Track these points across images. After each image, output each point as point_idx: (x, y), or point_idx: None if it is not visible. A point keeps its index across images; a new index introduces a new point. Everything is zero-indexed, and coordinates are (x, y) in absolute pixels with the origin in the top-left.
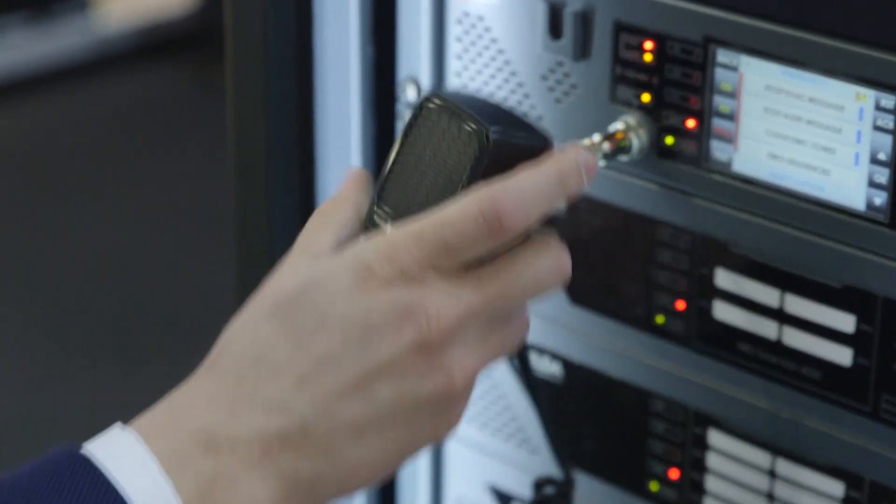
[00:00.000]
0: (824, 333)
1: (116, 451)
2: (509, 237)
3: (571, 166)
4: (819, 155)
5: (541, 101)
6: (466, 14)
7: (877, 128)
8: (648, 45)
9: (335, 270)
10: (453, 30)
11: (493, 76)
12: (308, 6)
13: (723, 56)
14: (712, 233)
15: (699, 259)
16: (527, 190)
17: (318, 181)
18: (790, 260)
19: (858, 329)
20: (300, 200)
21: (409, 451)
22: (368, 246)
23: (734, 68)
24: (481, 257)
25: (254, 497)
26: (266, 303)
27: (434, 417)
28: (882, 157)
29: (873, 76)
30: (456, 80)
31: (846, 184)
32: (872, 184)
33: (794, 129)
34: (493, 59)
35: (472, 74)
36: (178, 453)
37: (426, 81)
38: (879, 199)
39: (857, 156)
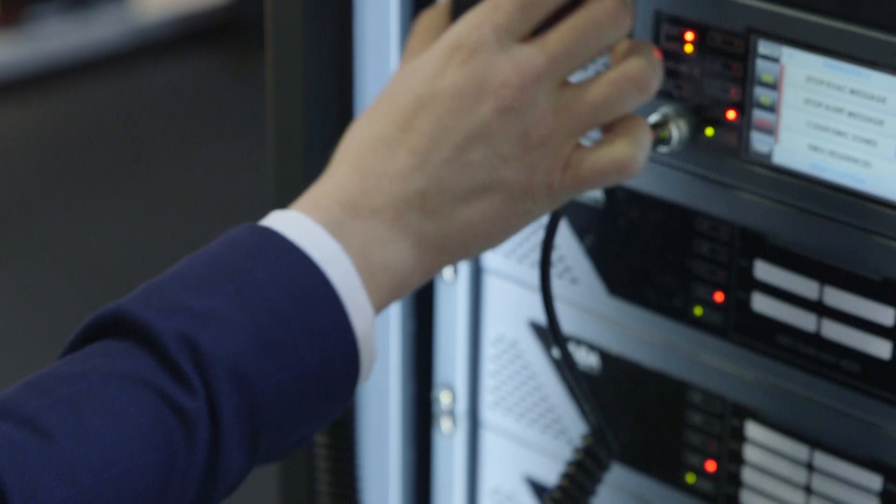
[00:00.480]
0: (863, 326)
1: (289, 224)
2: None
3: None
4: (860, 147)
5: None
6: None
7: None
8: (689, 35)
9: (429, 55)
10: None
11: None
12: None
13: (764, 47)
14: (752, 224)
15: (738, 251)
16: None
17: None
18: (829, 252)
19: None
20: None
21: (514, 212)
22: (457, 25)
23: (776, 59)
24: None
25: (399, 253)
26: (378, 101)
27: (528, 177)
28: None
29: None
30: None
31: (887, 176)
32: None
33: (835, 121)
34: None
35: None
36: (335, 221)
37: None
38: None
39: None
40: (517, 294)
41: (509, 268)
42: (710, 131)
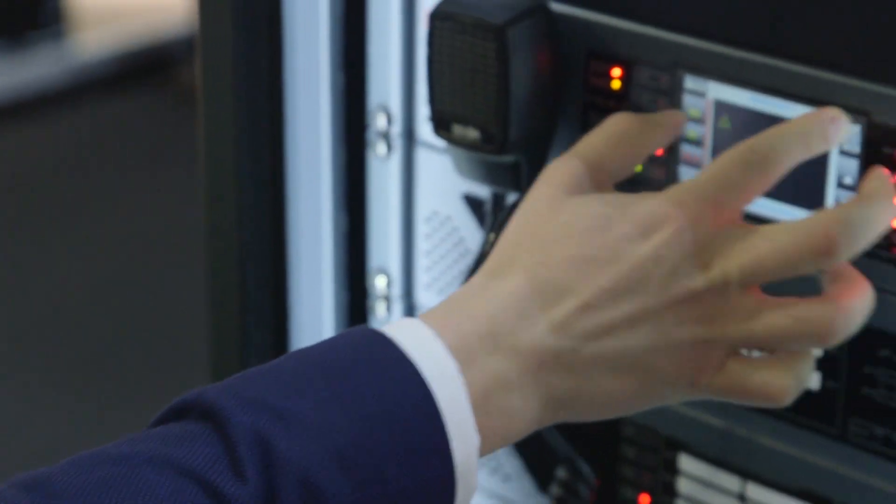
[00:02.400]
0: None
1: (412, 336)
2: (770, 174)
3: (814, 120)
4: (786, 179)
5: None
6: None
7: (842, 152)
8: (617, 71)
9: (631, 213)
10: (424, 56)
11: None
12: (278, 33)
13: (690, 82)
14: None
15: None
16: (779, 132)
17: (289, 208)
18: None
19: (826, 352)
20: (270, 225)
21: (649, 396)
22: (663, 195)
23: (702, 94)
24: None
25: (524, 402)
26: (559, 223)
27: (681, 369)
28: (848, 181)
29: (839, 100)
30: (426, 108)
31: (812, 208)
32: None
33: None
34: None
35: None
36: (466, 349)
37: (396, 109)
38: None
39: (823, 180)
40: (450, 167)
41: (442, 141)
42: (638, 168)
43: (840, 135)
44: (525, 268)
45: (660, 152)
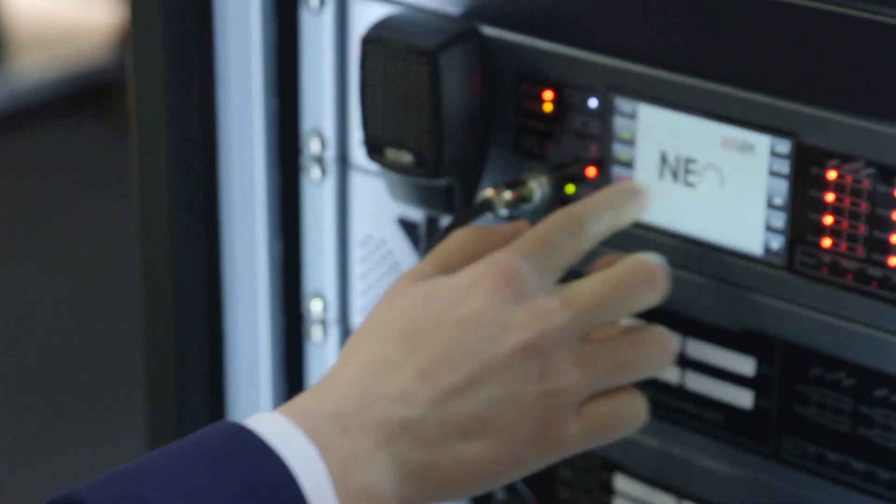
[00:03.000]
0: (725, 377)
1: (268, 425)
2: (583, 237)
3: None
4: (717, 200)
5: None
6: None
7: (773, 173)
8: (548, 94)
9: (455, 280)
10: (357, 81)
11: None
12: (211, 59)
13: (621, 104)
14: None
15: None
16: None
17: (223, 233)
18: (691, 305)
19: (759, 372)
20: (204, 251)
21: (513, 460)
22: (491, 256)
23: (632, 116)
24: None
25: (381, 476)
26: (388, 313)
27: (538, 426)
28: (778, 201)
29: (768, 122)
30: (360, 132)
31: (743, 229)
32: (769, 228)
33: (692, 175)
34: None
35: None
36: (320, 431)
37: (330, 133)
38: (776, 243)
39: (753, 201)
40: (385, 191)
41: (376, 165)
42: (570, 189)
43: (643, 204)
44: (365, 350)
45: (594, 174)
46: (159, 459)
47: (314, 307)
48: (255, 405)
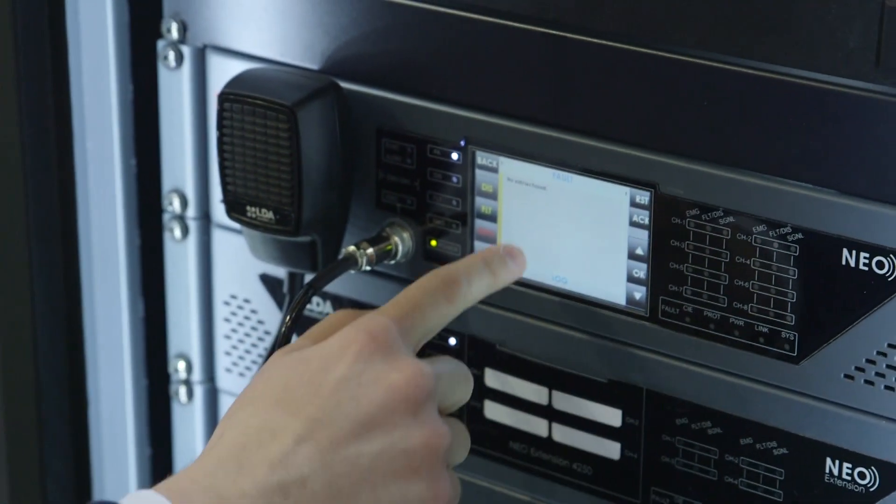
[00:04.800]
0: (593, 429)
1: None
2: (460, 301)
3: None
4: (578, 252)
5: None
6: None
7: (633, 223)
8: (409, 148)
9: (321, 348)
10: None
11: None
12: (68, 118)
13: (482, 158)
14: (480, 334)
15: (468, 360)
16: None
17: (84, 295)
18: (557, 357)
19: (625, 422)
20: (65, 314)
21: None
22: (351, 324)
23: (494, 169)
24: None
25: None
26: (262, 381)
27: (422, 478)
28: (640, 252)
29: (627, 173)
30: (219, 190)
31: (606, 280)
32: (631, 279)
33: (553, 228)
34: None
35: None
36: None
37: (191, 192)
38: (639, 293)
39: (615, 251)
40: (246, 248)
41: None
42: (434, 243)
43: (520, 266)
44: (241, 420)
45: (457, 228)
46: None
47: (179, 368)
48: (121, 469)
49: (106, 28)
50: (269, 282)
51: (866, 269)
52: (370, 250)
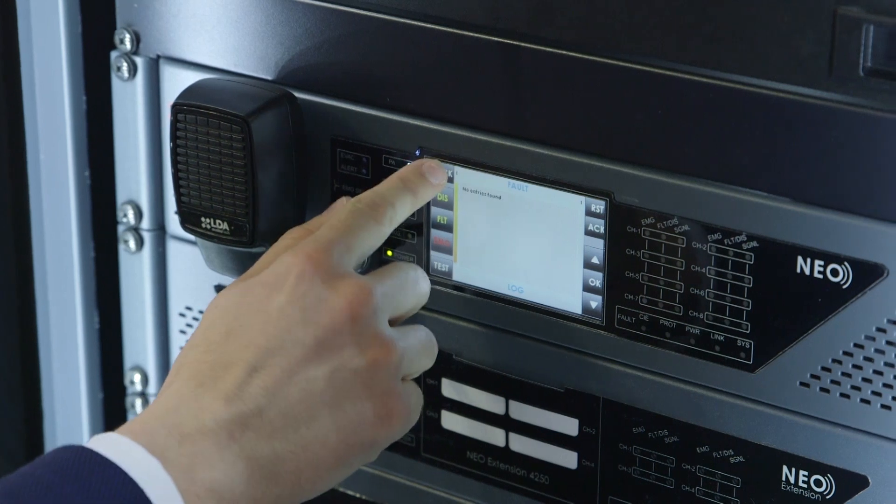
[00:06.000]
0: (550, 438)
1: (107, 444)
2: (380, 218)
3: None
4: (534, 261)
5: None
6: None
7: (588, 233)
8: (364, 158)
9: (264, 276)
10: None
11: None
12: (20, 130)
13: None
14: (437, 344)
15: (426, 372)
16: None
17: (39, 308)
18: (513, 367)
19: (582, 431)
20: (19, 328)
21: (358, 438)
22: (287, 252)
23: (449, 179)
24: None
25: (227, 476)
26: (211, 316)
27: (376, 395)
28: (595, 261)
29: (582, 182)
30: (174, 201)
31: (562, 289)
32: (587, 288)
33: (508, 237)
34: None
35: None
36: (158, 444)
37: (146, 203)
38: (595, 302)
39: (571, 261)
40: (201, 260)
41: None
42: (389, 253)
43: (439, 181)
44: (193, 358)
45: (412, 237)
46: (5, 486)
47: (135, 380)
48: None
49: (58, 38)
50: None
51: (821, 276)
52: None
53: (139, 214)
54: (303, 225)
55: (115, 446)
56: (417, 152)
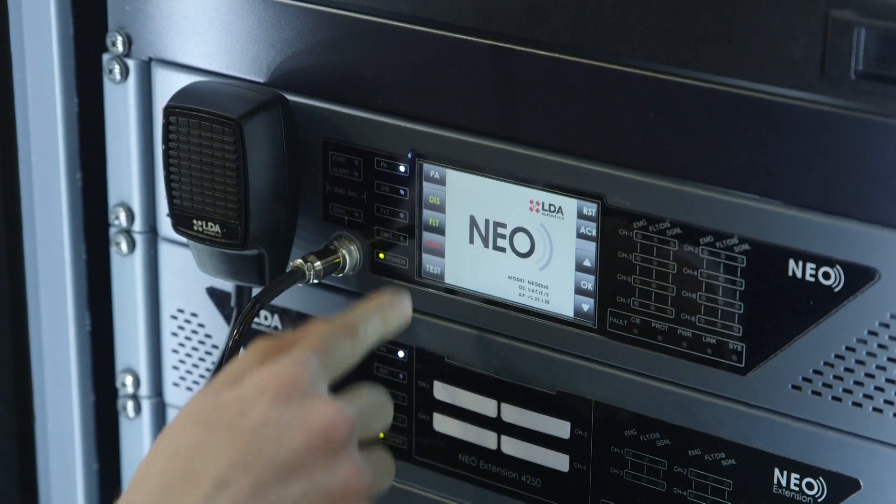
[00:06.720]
0: (542, 441)
1: None
2: (360, 341)
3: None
4: (526, 264)
5: None
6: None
7: (581, 235)
8: (356, 161)
9: (238, 391)
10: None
11: None
12: (12, 132)
13: (429, 170)
14: (428, 346)
15: (417, 373)
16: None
17: (30, 310)
18: (505, 370)
19: (574, 434)
20: (10, 330)
21: None
22: (265, 369)
23: (441, 182)
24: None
25: None
26: (181, 422)
27: None
28: (587, 264)
29: (574, 185)
30: (165, 204)
31: (554, 292)
32: (579, 291)
33: (501, 240)
34: None
35: None
36: None
37: (137, 206)
38: (587, 305)
39: (563, 263)
40: (193, 262)
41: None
42: (381, 255)
43: (405, 311)
44: (160, 465)
45: (404, 241)
46: None
47: (126, 382)
48: (68, 484)
49: (50, 41)
50: (216, 296)
51: (813, 280)
52: (318, 263)
53: (131, 217)
54: (274, 338)
55: None
56: (409, 155)
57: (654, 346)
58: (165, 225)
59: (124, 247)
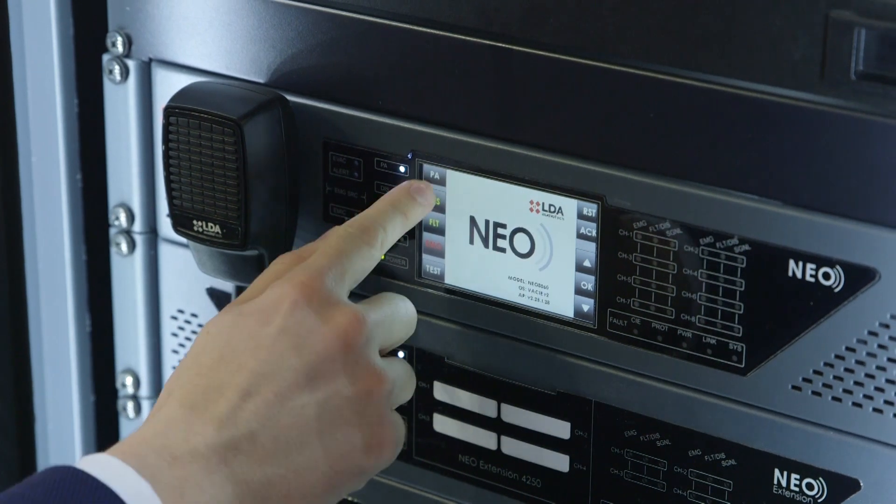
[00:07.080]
0: (542, 441)
1: (97, 465)
2: (372, 242)
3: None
4: (526, 264)
5: None
6: None
7: (581, 236)
8: (356, 162)
9: (258, 303)
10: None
11: None
12: (12, 132)
13: (429, 170)
14: (428, 347)
15: (417, 373)
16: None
17: (30, 311)
18: (505, 370)
19: (574, 435)
20: (10, 330)
21: (348, 466)
22: (280, 280)
23: (441, 182)
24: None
25: (217, 499)
26: (203, 341)
27: (366, 423)
28: (587, 264)
29: (574, 185)
30: (166, 204)
31: (554, 292)
32: (579, 291)
33: (501, 240)
34: None
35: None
36: (149, 466)
37: (138, 207)
38: (587, 306)
39: (563, 264)
40: (193, 263)
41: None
42: (382, 256)
43: (428, 201)
44: (185, 380)
45: (404, 240)
46: None
47: (127, 383)
48: None
49: (51, 42)
50: (216, 296)
51: (813, 280)
52: None
53: (131, 217)
54: (294, 251)
55: (105, 468)
56: (409, 155)
57: (654, 346)
58: (165, 225)
59: (124, 247)
